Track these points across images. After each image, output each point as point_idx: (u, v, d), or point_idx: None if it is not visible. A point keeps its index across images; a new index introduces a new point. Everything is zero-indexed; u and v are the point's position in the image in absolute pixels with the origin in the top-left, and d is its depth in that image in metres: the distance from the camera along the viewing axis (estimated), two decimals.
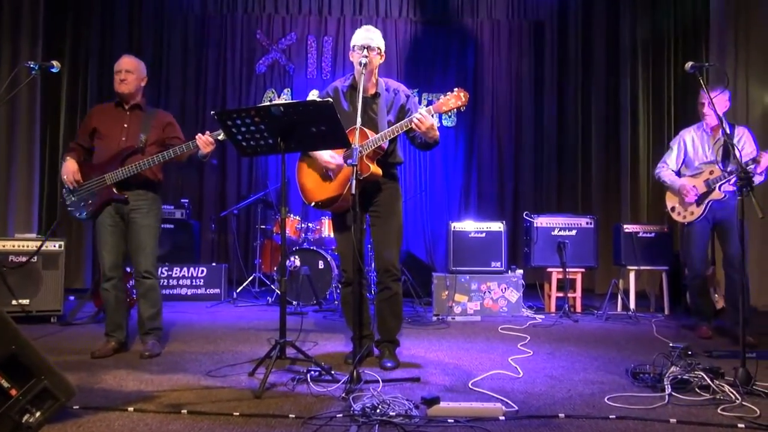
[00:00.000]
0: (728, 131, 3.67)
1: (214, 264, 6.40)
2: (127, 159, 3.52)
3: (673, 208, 4.40)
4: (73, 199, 3.56)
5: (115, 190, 3.52)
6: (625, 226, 5.72)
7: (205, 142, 3.43)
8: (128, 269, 4.05)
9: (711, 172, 4.19)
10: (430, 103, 7.41)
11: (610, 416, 2.45)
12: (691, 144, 4.35)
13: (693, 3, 6.84)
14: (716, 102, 3.92)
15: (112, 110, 3.68)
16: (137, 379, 3.01)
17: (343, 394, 2.66)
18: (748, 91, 5.81)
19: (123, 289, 3.70)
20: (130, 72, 3.62)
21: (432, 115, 3.15)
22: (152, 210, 3.65)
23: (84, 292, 5.74)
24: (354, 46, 3.32)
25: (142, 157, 3.51)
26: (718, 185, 4.13)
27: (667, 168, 4.45)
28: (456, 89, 3.17)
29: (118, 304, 3.65)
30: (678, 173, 4.44)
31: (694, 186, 4.21)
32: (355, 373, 2.78)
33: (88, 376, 3.04)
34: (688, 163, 4.38)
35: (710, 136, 4.28)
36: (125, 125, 3.62)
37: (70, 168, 3.54)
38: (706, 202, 4.17)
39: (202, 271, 6.25)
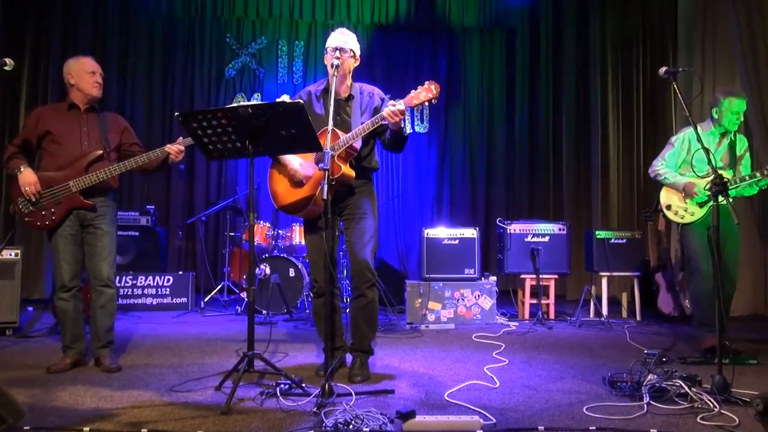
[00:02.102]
0: (734, 139, 3.52)
1: (180, 272, 6.20)
2: (92, 165, 3.37)
3: (668, 207, 4.12)
4: (31, 208, 3.35)
5: (81, 198, 3.35)
6: (596, 233, 5.73)
7: (177, 151, 3.31)
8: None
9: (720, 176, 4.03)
10: None
11: (590, 427, 2.39)
12: (696, 144, 3.83)
13: (660, 11, 6.94)
14: (736, 110, 3.88)
15: (64, 112, 3.48)
16: (95, 395, 2.84)
17: (315, 409, 2.55)
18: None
19: (81, 299, 3.52)
20: (102, 76, 3.52)
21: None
22: (113, 217, 3.53)
23: (42, 303, 5.51)
24: (327, 48, 3.26)
25: (107, 164, 3.37)
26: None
27: (667, 165, 4.14)
28: (427, 82, 3.09)
29: (78, 314, 3.47)
30: None
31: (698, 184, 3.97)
32: (326, 386, 2.66)
33: (42, 393, 2.86)
34: (688, 163, 4.04)
35: (718, 139, 4.05)
36: (83, 129, 3.45)
37: (30, 179, 3.31)
38: (709, 205, 3.92)
39: (168, 279, 6.05)
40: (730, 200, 2.95)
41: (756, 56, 5.24)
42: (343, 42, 3.25)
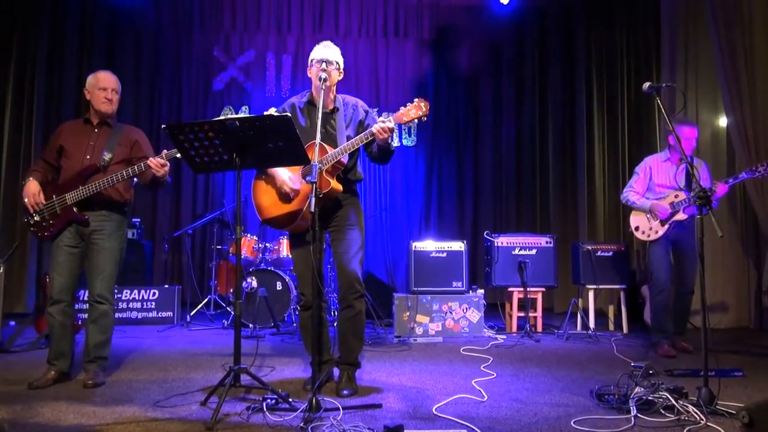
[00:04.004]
0: (692, 162, 3.80)
1: (166, 286, 6.14)
2: (89, 178, 3.38)
3: (637, 228, 4.66)
4: (36, 219, 3.39)
5: (75, 210, 3.35)
6: (583, 245, 5.77)
7: (157, 164, 3.29)
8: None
9: (676, 196, 4.46)
10: None
11: None
12: (657, 171, 4.64)
13: (644, 27, 7.06)
14: (688, 137, 4.36)
15: (79, 127, 3.54)
16: (78, 411, 2.79)
17: (302, 424, 2.52)
18: (698, 114, 5.98)
19: (70, 315, 3.47)
20: (115, 92, 3.51)
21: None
22: (115, 233, 3.48)
23: (25, 317, 5.43)
24: (312, 61, 3.28)
25: (103, 176, 3.36)
26: (682, 208, 4.40)
27: (635, 191, 4.70)
28: (416, 99, 3.12)
29: (63, 330, 3.42)
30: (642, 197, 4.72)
31: (662, 205, 4.49)
32: (314, 400, 2.64)
33: (23, 410, 2.80)
34: (652, 189, 4.65)
35: (674, 165, 4.58)
36: (91, 143, 3.47)
37: (31, 189, 3.39)
38: (670, 222, 4.45)
39: (154, 293, 5.98)
40: (710, 214, 3.00)
41: (737, 73, 5.32)
42: (329, 55, 3.26)
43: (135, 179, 3.49)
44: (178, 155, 3.23)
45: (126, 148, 3.53)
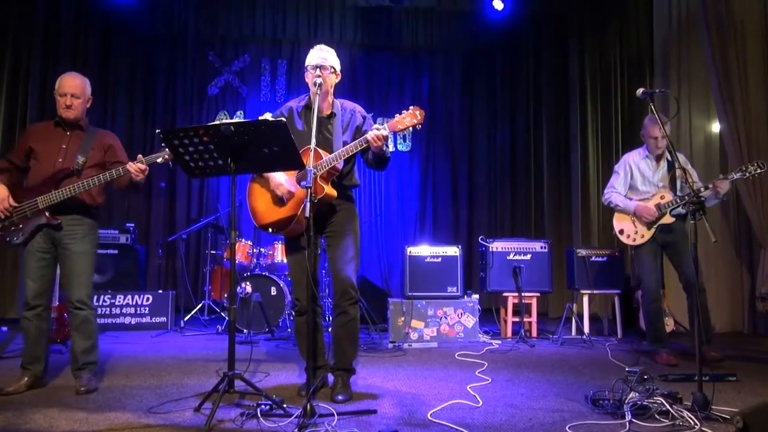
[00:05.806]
0: (680, 160, 3.68)
1: (160, 291, 6.11)
2: (62, 182, 3.33)
3: (621, 231, 4.42)
4: (5, 224, 3.32)
5: (47, 214, 3.31)
6: (577, 251, 5.77)
7: (136, 169, 3.26)
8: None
9: (662, 197, 4.26)
10: None
11: None
12: (637, 169, 4.43)
13: (637, 36, 7.10)
14: (655, 135, 4.20)
15: (51, 130, 3.47)
16: (70, 418, 2.77)
17: (296, 430, 2.51)
18: (690, 120, 6.01)
19: (46, 319, 3.42)
20: (76, 97, 3.40)
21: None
22: (87, 236, 3.43)
23: (17, 322, 5.38)
24: (308, 66, 3.27)
25: (77, 180, 3.32)
26: (669, 210, 4.21)
27: (617, 192, 4.48)
28: (411, 107, 3.13)
29: (39, 334, 3.37)
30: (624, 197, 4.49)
31: (648, 207, 4.27)
32: (308, 406, 2.62)
33: (15, 416, 2.78)
34: (633, 188, 4.45)
35: (656, 163, 4.39)
36: (63, 146, 3.41)
37: (1, 194, 3.30)
38: (656, 225, 4.26)
39: (148, 298, 5.95)
40: (703, 218, 3.00)
41: (729, 78, 5.36)
42: (323, 59, 3.27)
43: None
44: (159, 160, 3.22)
45: (100, 153, 3.48)
